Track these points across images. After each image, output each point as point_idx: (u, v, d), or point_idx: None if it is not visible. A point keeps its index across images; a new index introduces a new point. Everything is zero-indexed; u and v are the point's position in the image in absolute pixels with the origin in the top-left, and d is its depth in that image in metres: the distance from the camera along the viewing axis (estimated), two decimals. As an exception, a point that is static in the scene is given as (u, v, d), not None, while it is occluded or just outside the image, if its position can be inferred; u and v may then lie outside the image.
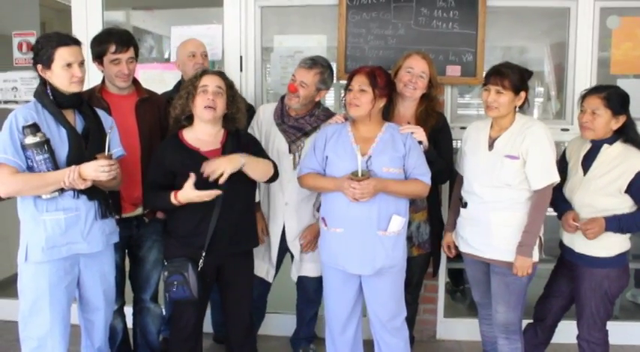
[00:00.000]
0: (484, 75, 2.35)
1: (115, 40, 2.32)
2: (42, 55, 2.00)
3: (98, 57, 2.35)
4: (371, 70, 2.25)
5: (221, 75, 2.28)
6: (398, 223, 2.22)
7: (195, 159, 2.18)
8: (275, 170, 2.34)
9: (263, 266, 2.71)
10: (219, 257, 2.25)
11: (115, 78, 2.35)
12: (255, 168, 2.23)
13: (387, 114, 2.35)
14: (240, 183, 2.19)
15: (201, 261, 2.18)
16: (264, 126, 2.65)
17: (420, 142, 2.32)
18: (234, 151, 2.21)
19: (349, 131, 2.30)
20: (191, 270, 2.14)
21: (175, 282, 2.14)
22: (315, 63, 2.53)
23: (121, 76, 2.35)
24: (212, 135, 2.27)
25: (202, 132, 2.26)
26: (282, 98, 2.65)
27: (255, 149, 2.34)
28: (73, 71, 2.00)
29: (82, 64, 2.04)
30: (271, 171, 2.31)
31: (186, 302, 2.20)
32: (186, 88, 2.24)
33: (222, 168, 2.11)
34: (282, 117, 2.60)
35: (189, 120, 2.27)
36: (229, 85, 2.28)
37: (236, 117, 2.29)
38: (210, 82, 2.21)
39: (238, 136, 2.31)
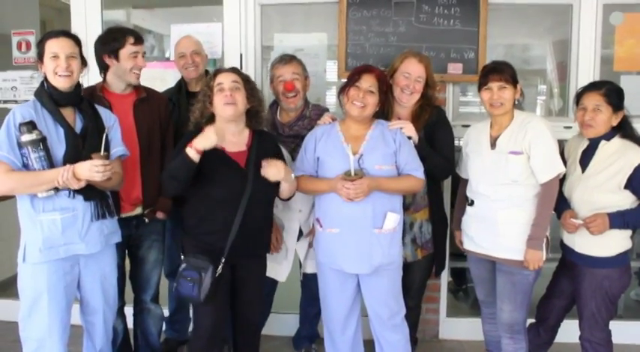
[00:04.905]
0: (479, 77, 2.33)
1: (132, 34, 2.33)
2: (38, 50, 2.03)
3: (113, 51, 2.32)
4: (380, 73, 2.26)
5: (235, 70, 2.23)
6: (393, 220, 2.21)
7: (219, 157, 2.13)
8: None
9: (274, 268, 2.66)
10: (235, 258, 2.18)
11: (129, 73, 2.33)
12: (292, 186, 2.22)
13: (383, 113, 2.34)
14: (264, 190, 2.15)
15: (220, 266, 2.10)
16: None
17: (410, 137, 2.30)
18: (259, 155, 2.16)
19: (338, 130, 2.28)
20: (209, 274, 2.06)
21: (189, 278, 2.05)
22: (290, 56, 2.58)
23: (137, 71, 2.34)
24: (236, 135, 2.21)
25: (226, 132, 2.18)
26: (270, 107, 2.61)
27: (281, 155, 2.30)
28: (58, 62, 1.98)
29: (72, 58, 2.01)
30: (295, 190, 2.29)
31: (206, 307, 2.12)
32: (202, 92, 2.20)
33: (277, 175, 2.09)
34: (275, 129, 2.57)
35: (210, 121, 2.20)
36: (246, 79, 2.21)
37: (259, 112, 2.24)
38: (225, 79, 2.16)
39: (265, 139, 2.26)
